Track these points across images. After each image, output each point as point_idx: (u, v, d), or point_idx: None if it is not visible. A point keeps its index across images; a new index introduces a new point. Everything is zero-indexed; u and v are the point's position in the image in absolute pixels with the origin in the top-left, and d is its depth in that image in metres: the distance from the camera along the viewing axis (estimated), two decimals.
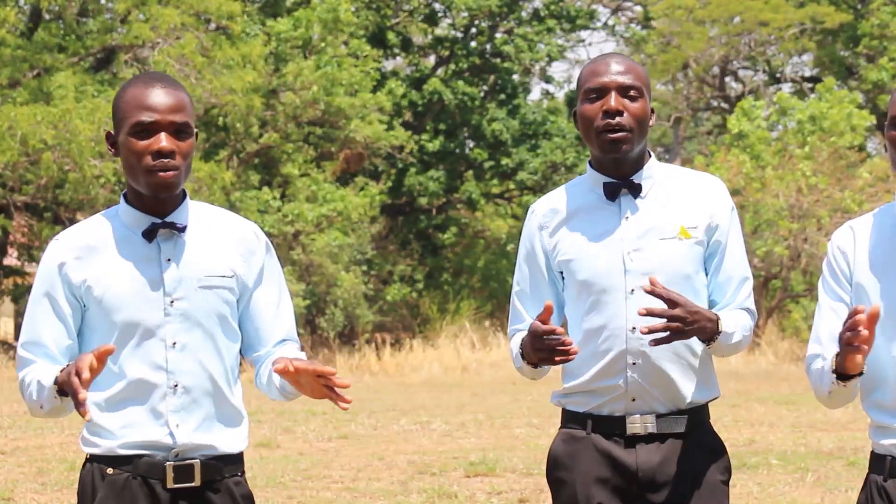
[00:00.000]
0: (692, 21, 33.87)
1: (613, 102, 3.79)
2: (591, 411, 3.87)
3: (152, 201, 3.50)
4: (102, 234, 3.53)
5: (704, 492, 3.84)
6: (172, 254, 3.51)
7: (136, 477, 3.49)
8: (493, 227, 32.35)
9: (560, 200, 3.95)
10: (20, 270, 28.26)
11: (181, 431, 3.50)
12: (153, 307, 3.48)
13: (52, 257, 3.54)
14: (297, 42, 25.49)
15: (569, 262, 3.88)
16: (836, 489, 9.69)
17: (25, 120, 20.84)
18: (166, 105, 3.44)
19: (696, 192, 3.90)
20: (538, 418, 14.95)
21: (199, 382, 3.52)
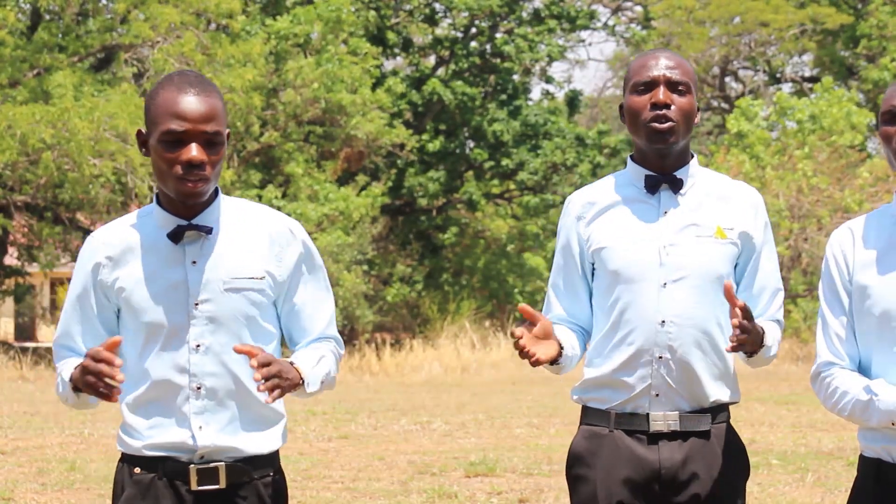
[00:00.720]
0: (692, 21, 33.87)
1: (662, 95, 3.81)
2: (614, 408, 3.87)
3: (181, 204, 3.50)
4: (134, 234, 3.54)
5: (725, 491, 3.86)
6: (198, 256, 3.50)
7: (162, 478, 3.50)
8: (493, 228, 32.35)
9: (598, 192, 3.97)
10: (20, 270, 28.25)
11: (204, 434, 3.49)
12: (177, 310, 3.48)
13: (86, 256, 3.56)
14: (298, 40, 25.49)
15: (601, 251, 3.88)
16: (836, 489, 9.68)
17: (25, 119, 20.84)
18: (199, 114, 3.40)
19: (735, 197, 3.92)
20: (538, 418, 14.95)
21: (224, 385, 3.51)
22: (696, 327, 3.82)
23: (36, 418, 14.64)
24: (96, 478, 10.21)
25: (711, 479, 3.84)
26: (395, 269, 30.69)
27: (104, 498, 9.37)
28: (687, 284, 3.82)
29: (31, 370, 21.95)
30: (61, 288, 40.45)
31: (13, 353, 23.34)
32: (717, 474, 3.85)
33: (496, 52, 31.04)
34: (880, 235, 3.56)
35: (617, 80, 45.64)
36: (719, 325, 3.85)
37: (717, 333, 3.85)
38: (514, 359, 24.20)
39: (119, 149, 21.23)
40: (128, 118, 21.27)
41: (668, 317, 3.81)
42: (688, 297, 3.80)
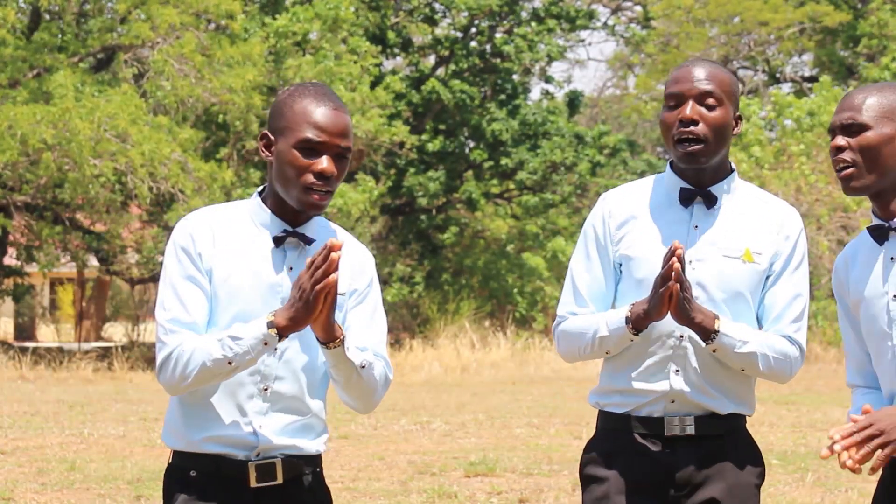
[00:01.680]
0: (691, 21, 33.87)
1: (689, 111, 3.77)
2: (629, 412, 3.88)
3: (292, 211, 3.54)
4: (237, 224, 3.55)
5: (738, 495, 3.85)
6: (295, 263, 3.54)
7: (219, 477, 3.51)
8: (492, 227, 32.35)
9: (634, 194, 3.94)
10: (20, 270, 28.25)
11: (264, 432, 3.52)
12: (266, 309, 3.48)
13: (187, 235, 3.52)
14: (297, 38, 25.50)
15: (630, 259, 3.87)
16: (836, 489, 9.69)
17: (25, 119, 20.84)
18: (337, 128, 3.47)
19: (771, 219, 3.88)
20: (538, 418, 14.96)
21: (289, 391, 3.54)
22: None
23: (36, 418, 14.64)
24: (96, 478, 10.21)
25: (727, 484, 3.84)
26: (394, 269, 30.69)
27: (104, 498, 9.37)
28: (707, 302, 3.81)
29: (30, 370, 21.96)
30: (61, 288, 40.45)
31: (13, 353, 23.35)
32: (733, 478, 3.85)
33: (496, 51, 31.05)
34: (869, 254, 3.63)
35: (617, 80, 45.64)
36: None
37: None
38: (514, 359, 24.21)
39: (119, 149, 21.23)
40: (128, 118, 21.27)
41: (686, 332, 3.81)
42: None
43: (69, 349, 26.91)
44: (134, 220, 26.49)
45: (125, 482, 9.95)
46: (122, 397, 17.59)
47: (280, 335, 3.35)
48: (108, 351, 26.02)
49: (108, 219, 24.97)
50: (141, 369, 22.65)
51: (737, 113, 3.85)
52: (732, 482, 3.85)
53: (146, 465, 10.83)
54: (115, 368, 22.70)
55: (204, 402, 3.52)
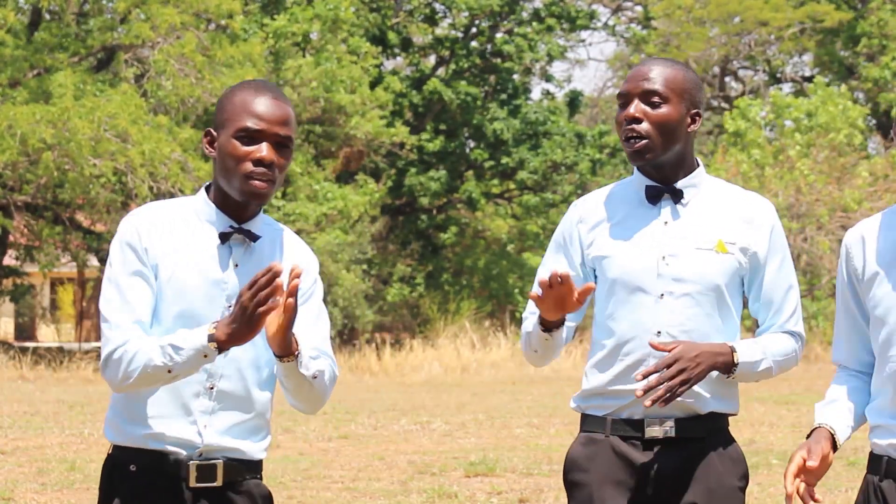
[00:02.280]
0: (692, 21, 33.87)
1: (633, 110, 3.81)
2: (610, 414, 3.88)
3: (236, 205, 3.53)
4: (178, 219, 3.54)
5: (722, 497, 3.84)
6: (241, 260, 3.53)
7: (160, 474, 3.50)
8: (493, 227, 32.35)
9: (604, 198, 3.97)
10: (19, 271, 28.25)
11: (209, 432, 3.50)
12: (212, 307, 3.49)
13: (131, 231, 3.50)
14: (296, 38, 25.49)
15: (602, 259, 3.88)
16: (836, 489, 9.69)
17: (25, 119, 20.84)
18: (275, 116, 3.48)
19: (741, 210, 3.91)
20: (538, 418, 14.96)
21: (235, 389, 3.53)
22: (692, 339, 3.81)
23: (36, 418, 14.64)
24: (96, 478, 10.18)
25: (709, 486, 3.83)
26: (395, 269, 30.69)
27: None
28: (684, 296, 3.82)
29: (30, 370, 21.96)
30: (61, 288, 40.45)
31: (13, 353, 23.35)
32: (715, 482, 3.84)
33: (496, 51, 31.04)
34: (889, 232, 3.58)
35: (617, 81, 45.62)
36: (721, 335, 3.86)
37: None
38: (514, 359, 24.20)
39: (119, 149, 21.23)
40: (128, 118, 21.27)
41: (664, 328, 3.81)
42: (685, 308, 3.80)
43: (69, 349, 26.92)
44: None
45: None
46: None
47: (219, 349, 3.34)
48: None
49: (108, 219, 24.96)
50: None
51: (693, 110, 3.88)
52: (714, 485, 3.83)
53: None
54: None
55: (149, 398, 3.49)
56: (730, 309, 3.88)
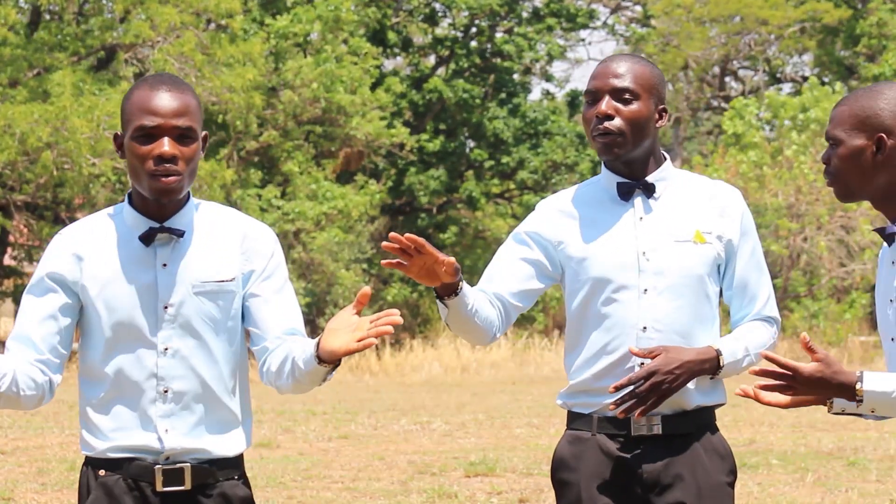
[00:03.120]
0: (691, 20, 33.86)
1: (604, 106, 3.82)
2: (596, 412, 3.87)
3: (154, 205, 3.50)
4: (103, 234, 3.53)
5: (710, 494, 3.84)
6: (169, 259, 3.51)
7: (127, 479, 3.50)
8: (493, 227, 32.34)
9: (571, 199, 3.96)
10: (19, 271, 28.24)
11: (170, 437, 3.49)
12: (146, 312, 3.48)
13: (54, 251, 3.53)
14: (297, 38, 25.49)
15: (579, 259, 3.87)
16: (836, 489, 9.69)
17: (24, 119, 20.84)
18: (170, 109, 3.44)
19: (711, 199, 3.92)
20: (538, 418, 14.96)
21: (191, 388, 3.51)
22: (678, 332, 3.82)
23: (36, 418, 14.64)
24: None
25: (696, 483, 3.83)
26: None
27: None
28: (667, 290, 3.82)
29: None
30: None
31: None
32: (701, 477, 3.83)
33: (496, 51, 31.04)
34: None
35: None
36: (702, 329, 3.86)
37: (699, 338, 3.85)
38: (514, 359, 24.21)
39: None
40: None
41: (649, 323, 3.81)
42: (668, 302, 3.81)
43: None
44: None
45: None
46: None
47: None
48: None
49: None
50: None
51: (661, 105, 3.91)
52: (703, 483, 3.83)
53: None
54: None
55: (107, 411, 3.50)
56: (710, 299, 3.89)
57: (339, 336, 3.41)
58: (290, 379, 3.51)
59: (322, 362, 3.40)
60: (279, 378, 3.54)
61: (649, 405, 3.73)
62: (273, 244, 3.62)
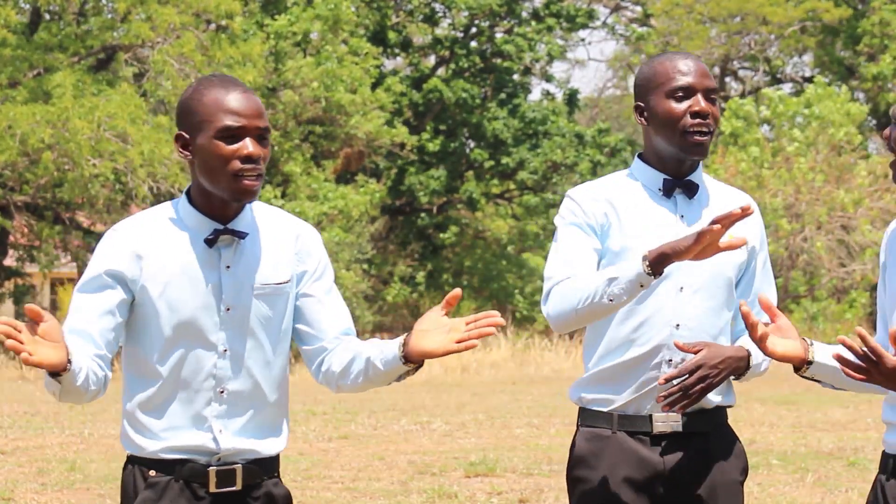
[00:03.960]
0: (691, 20, 33.86)
1: (703, 104, 3.84)
2: (615, 410, 3.88)
3: (220, 206, 3.49)
4: (164, 233, 3.51)
5: (725, 491, 3.88)
6: (232, 261, 3.50)
7: (179, 480, 3.50)
8: (493, 228, 32.35)
9: (609, 190, 3.93)
10: (20, 271, 28.24)
11: (224, 437, 3.50)
12: (209, 313, 3.48)
13: (112, 248, 3.49)
14: (296, 38, 25.49)
15: (621, 251, 3.85)
16: (836, 489, 9.68)
17: (24, 119, 20.84)
18: (252, 110, 3.44)
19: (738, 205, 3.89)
20: (538, 418, 14.95)
21: (245, 389, 3.52)
22: (707, 333, 3.85)
23: (36, 418, 14.63)
24: (96, 478, 10.21)
25: (713, 480, 3.86)
26: (395, 269, 30.69)
27: (104, 498, 9.37)
28: (701, 290, 3.85)
29: (30, 370, 21.95)
30: (61, 288, 40.43)
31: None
32: (719, 474, 3.87)
33: (496, 51, 31.05)
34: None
35: (617, 81, 45.63)
36: (725, 331, 3.90)
37: (724, 340, 3.89)
38: (514, 359, 24.21)
39: (119, 149, 21.23)
40: (127, 118, 21.27)
41: (682, 321, 3.84)
42: (702, 302, 3.84)
43: None
44: None
45: None
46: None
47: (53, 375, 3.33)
48: None
49: (108, 219, 24.96)
50: None
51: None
52: (718, 480, 3.87)
53: None
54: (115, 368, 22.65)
55: (159, 411, 3.50)
56: (733, 303, 3.93)
57: (433, 337, 3.45)
58: (360, 378, 3.54)
59: (408, 363, 3.43)
60: (344, 378, 3.57)
61: (693, 399, 3.74)
62: (321, 244, 3.66)
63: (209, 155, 3.43)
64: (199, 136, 3.45)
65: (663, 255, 3.62)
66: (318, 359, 3.63)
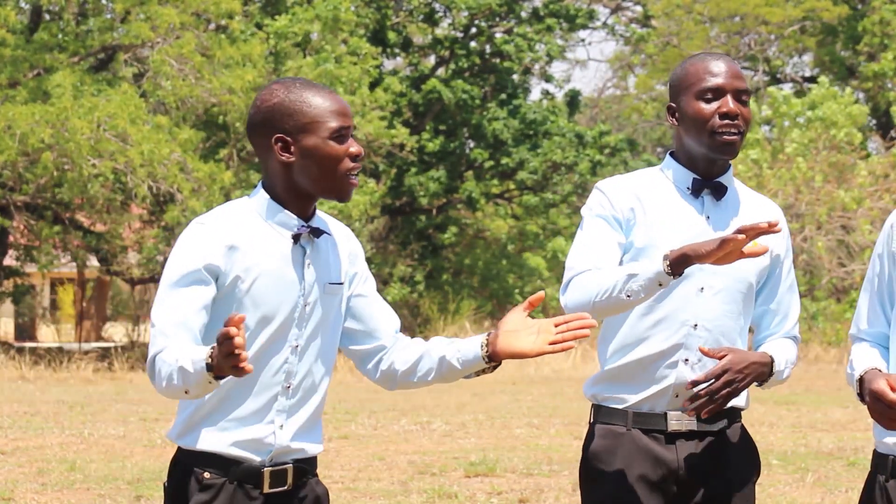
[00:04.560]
0: (691, 20, 33.86)
1: (733, 105, 3.85)
2: (630, 407, 3.89)
3: (302, 206, 3.55)
4: (252, 227, 3.55)
5: (739, 490, 3.89)
6: (312, 258, 3.58)
7: (233, 482, 3.52)
8: (493, 228, 32.35)
9: (634, 186, 3.94)
10: (19, 271, 28.25)
11: (284, 432, 3.55)
12: (289, 308, 3.53)
13: (199, 240, 3.50)
14: (296, 39, 25.50)
15: (645, 248, 3.86)
16: (836, 489, 9.69)
17: (24, 119, 20.84)
18: (349, 111, 3.57)
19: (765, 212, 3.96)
20: (538, 418, 14.96)
21: (308, 385, 3.58)
22: (724, 335, 3.87)
23: (36, 418, 14.64)
24: (96, 478, 10.21)
25: (726, 479, 3.88)
26: (394, 269, 30.69)
27: (104, 498, 9.37)
28: (721, 291, 3.87)
29: (31, 370, 21.96)
30: (61, 288, 40.43)
31: (13, 353, 23.35)
32: (732, 474, 3.89)
33: (496, 51, 31.05)
34: None
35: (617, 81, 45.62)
36: (741, 334, 3.92)
37: (739, 343, 3.91)
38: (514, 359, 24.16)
39: (119, 149, 21.23)
40: (127, 118, 21.27)
41: (701, 321, 3.85)
42: (721, 304, 3.86)
43: (69, 349, 26.92)
44: (134, 220, 26.50)
45: (125, 482, 9.95)
46: (123, 397, 17.59)
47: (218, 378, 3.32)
48: (109, 351, 26.02)
49: (108, 219, 24.98)
50: (141, 370, 22.64)
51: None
52: (732, 478, 3.88)
53: (146, 465, 10.83)
54: (115, 369, 22.70)
55: (234, 404, 3.52)
56: (750, 309, 3.95)
57: (524, 338, 3.50)
58: (430, 376, 3.61)
59: (490, 362, 3.50)
60: (409, 375, 3.65)
61: (719, 404, 3.75)
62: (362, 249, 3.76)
63: (324, 156, 3.52)
64: (309, 138, 3.52)
65: (684, 255, 3.64)
66: (375, 357, 3.70)
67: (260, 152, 3.57)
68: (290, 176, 3.52)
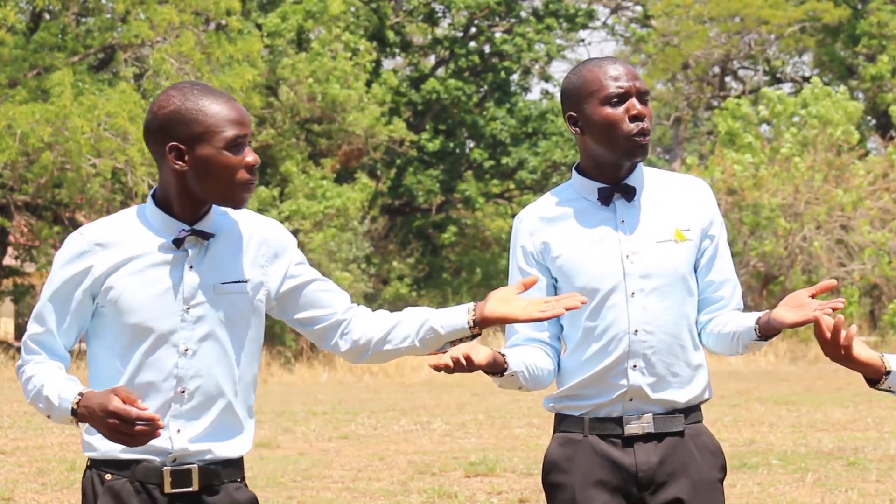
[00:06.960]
0: (691, 20, 33.87)
1: (640, 107, 3.84)
2: (587, 414, 3.89)
3: (190, 208, 3.51)
4: (129, 234, 3.53)
5: (703, 490, 3.87)
6: (195, 261, 3.52)
7: (134, 482, 3.50)
8: (492, 227, 32.36)
9: (548, 208, 3.96)
10: (19, 270, 28.26)
11: (181, 437, 3.50)
12: (169, 312, 3.49)
13: (73, 250, 3.50)
14: (289, 36, 25.50)
15: (569, 269, 3.88)
16: (836, 489, 9.68)
17: (24, 118, 20.84)
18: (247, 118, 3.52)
19: (686, 195, 3.94)
20: (538, 418, 14.96)
21: (206, 389, 3.53)
22: (667, 333, 3.85)
23: (36, 418, 14.64)
24: None
25: (689, 479, 3.86)
26: (393, 268, 30.69)
27: None
28: (654, 291, 3.85)
29: None
30: None
31: (13, 353, 23.34)
32: (695, 473, 3.87)
33: (495, 51, 31.05)
34: None
35: None
36: (688, 327, 3.90)
37: (686, 335, 3.89)
38: None
39: (118, 148, 21.23)
40: (127, 117, 21.27)
41: (639, 325, 3.84)
42: (656, 303, 3.84)
43: None
44: None
45: None
46: None
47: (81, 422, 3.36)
48: None
49: None
50: None
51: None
52: (696, 479, 3.86)
53: None
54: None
55: None
56: (693, 294, 3.92)
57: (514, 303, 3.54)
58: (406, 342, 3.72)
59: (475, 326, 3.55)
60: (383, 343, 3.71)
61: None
62: (289, 236, 3.67)
63: (218, 166, 3.46)
64: (203, 147, 3.46)
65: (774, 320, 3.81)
66: (337, 331, 3.66)
67: (155, 158, 3.54)
68: (184, 183, 3.48)
